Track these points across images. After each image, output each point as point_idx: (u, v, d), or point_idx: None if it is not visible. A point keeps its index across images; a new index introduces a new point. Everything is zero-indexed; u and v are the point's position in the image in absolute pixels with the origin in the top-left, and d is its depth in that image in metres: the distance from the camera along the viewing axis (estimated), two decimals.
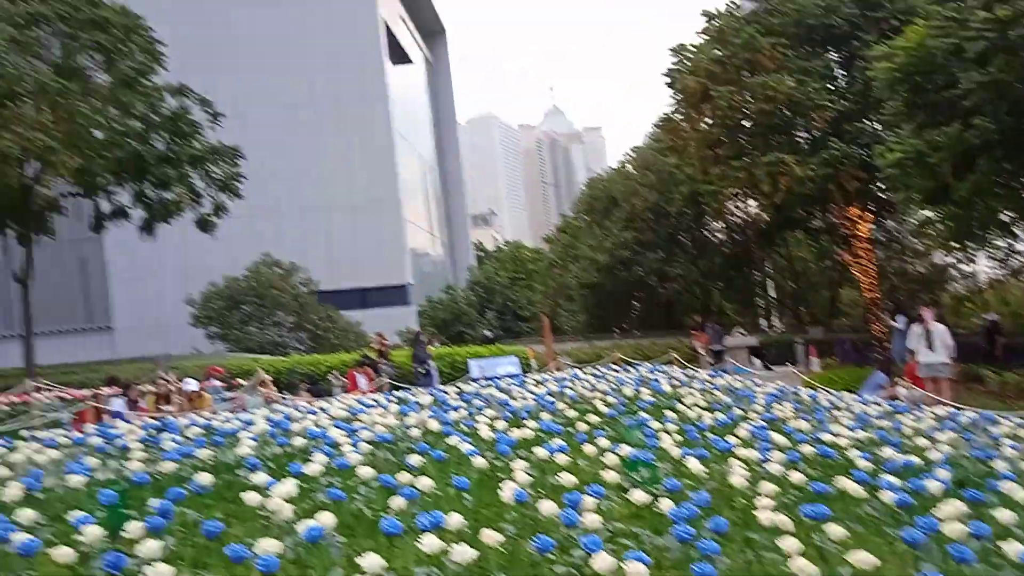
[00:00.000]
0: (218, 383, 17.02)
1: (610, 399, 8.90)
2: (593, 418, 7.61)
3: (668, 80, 25.37)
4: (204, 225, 27.50)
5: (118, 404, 13.88)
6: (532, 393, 9.62)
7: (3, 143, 18.43)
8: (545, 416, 7.64)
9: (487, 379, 14.27)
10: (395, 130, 56.79)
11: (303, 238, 52.07)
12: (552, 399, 8.91)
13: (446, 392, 10.23)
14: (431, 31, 78.48)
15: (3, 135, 18.49)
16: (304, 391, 17.43)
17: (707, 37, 24.59)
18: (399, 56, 65.14)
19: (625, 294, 39.37)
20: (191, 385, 14.68)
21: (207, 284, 40.45)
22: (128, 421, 9.33)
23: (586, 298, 41.46)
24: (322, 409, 8.90)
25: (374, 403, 9.96)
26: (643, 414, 7.80)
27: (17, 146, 18.77)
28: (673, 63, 25.27)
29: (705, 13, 24.99)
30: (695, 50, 24.70)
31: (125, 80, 23.24)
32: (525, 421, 7.22)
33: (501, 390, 10.14)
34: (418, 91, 74.29)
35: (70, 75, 22.13)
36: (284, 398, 15.43)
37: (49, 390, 16.08)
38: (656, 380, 10.65)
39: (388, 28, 58.93)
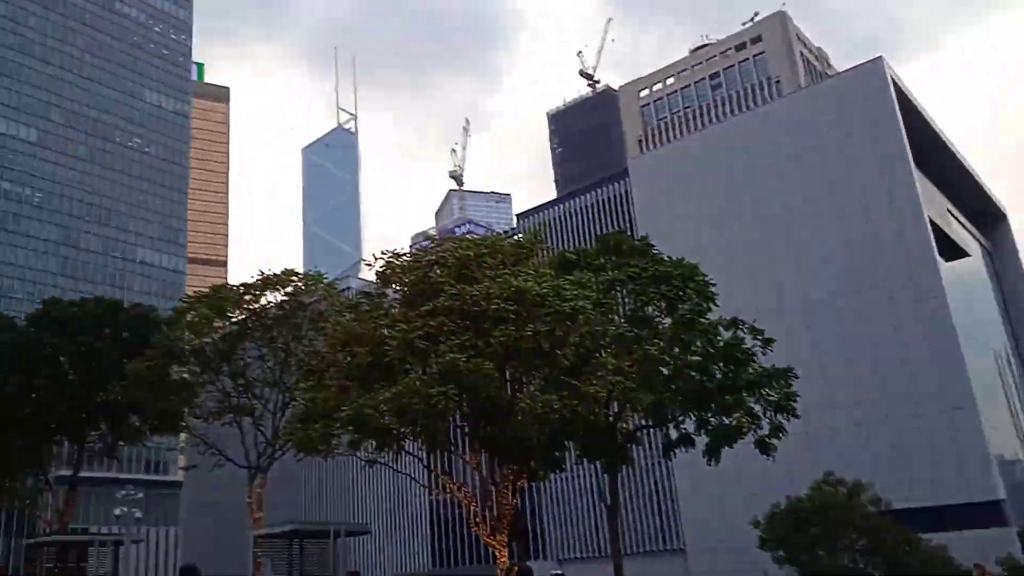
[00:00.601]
0: None
1: None
2: None
3: None
4: (764, 447, 27.97)
5: None
6: None
7: (593, 388, 22.00)
8: None
9: None
10: (958, 326, 51.61)
11: (865, 453, 49.22)
12: None
13: None
14: (988, 217, 72.08)
15: (592, 381, 22.09)
16: None
17: None
18: (952, 250, 60.68)
19: None
20: None
21: (770, 505, 40.23)
22: None
23: None
24: None
25: None
26: None
27: (604, 390, 22.22)
28: None
29: None
30: None
31: (685, 321, 26.24)
32: None
33: None
34: (980, 281, 67.46)
35: (640, 324, 26.01)
36: None
37: None
38: None
39: (935, 224, 55.85)
